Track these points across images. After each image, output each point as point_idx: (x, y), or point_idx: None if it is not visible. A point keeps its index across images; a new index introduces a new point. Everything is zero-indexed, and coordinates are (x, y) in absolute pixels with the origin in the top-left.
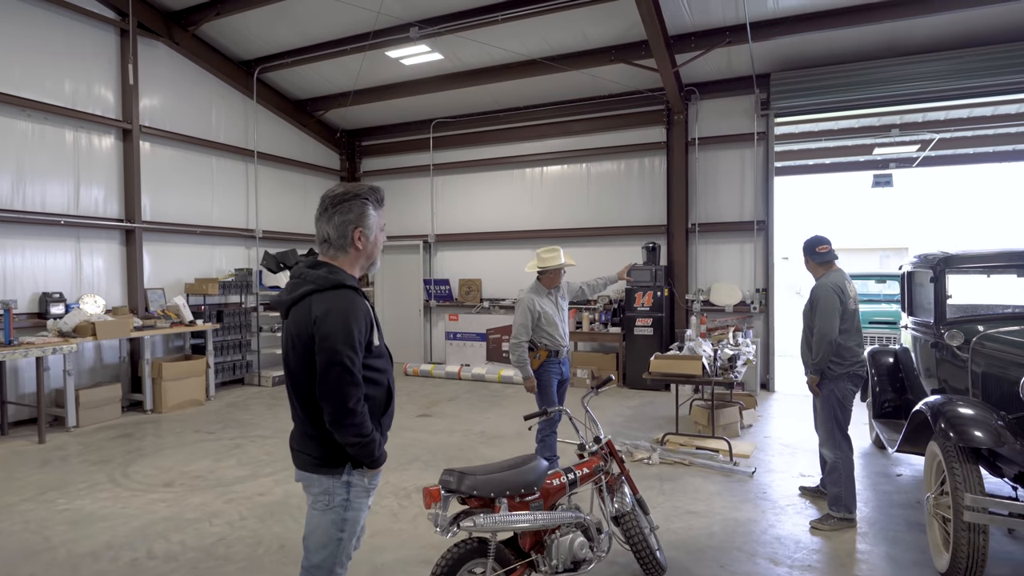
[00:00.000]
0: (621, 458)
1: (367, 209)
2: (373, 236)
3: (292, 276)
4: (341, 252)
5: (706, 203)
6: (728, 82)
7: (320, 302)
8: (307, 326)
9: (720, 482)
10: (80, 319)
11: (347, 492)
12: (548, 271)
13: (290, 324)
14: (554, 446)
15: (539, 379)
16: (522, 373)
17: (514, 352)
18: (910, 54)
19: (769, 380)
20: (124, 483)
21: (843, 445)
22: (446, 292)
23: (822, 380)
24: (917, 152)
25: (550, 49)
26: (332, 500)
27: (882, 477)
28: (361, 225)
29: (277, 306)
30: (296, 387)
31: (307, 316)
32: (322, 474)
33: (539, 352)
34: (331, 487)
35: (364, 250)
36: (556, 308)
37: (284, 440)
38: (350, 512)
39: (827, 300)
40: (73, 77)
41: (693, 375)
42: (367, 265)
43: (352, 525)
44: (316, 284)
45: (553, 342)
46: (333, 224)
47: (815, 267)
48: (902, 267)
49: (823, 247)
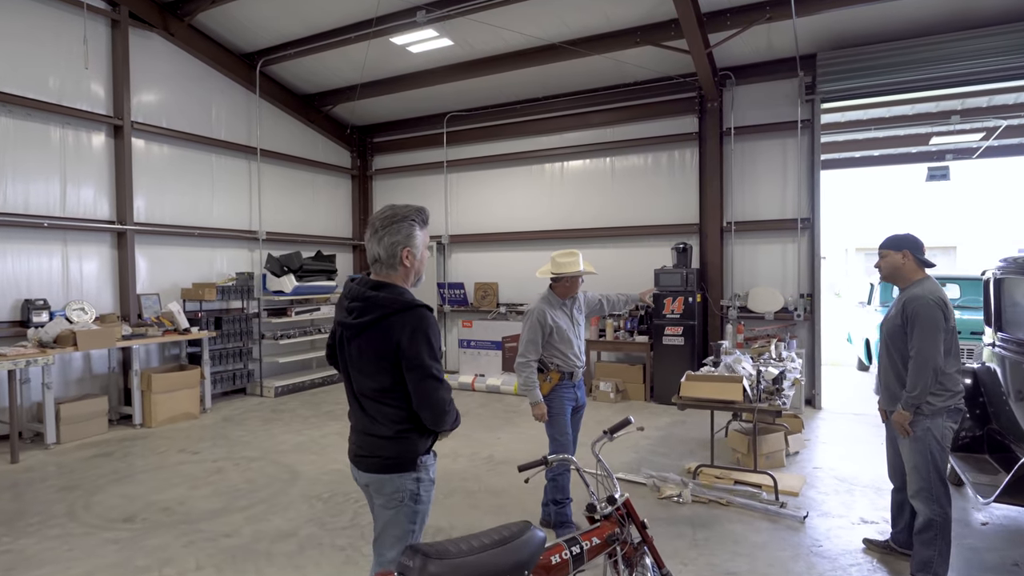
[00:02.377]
0: (643, 522)
1: (414, 230)
2: (420, 254)
3: (351, 298)
4: (392, 270)
5: (743, 199)
6: (768, 64)
7: (401, 325)
8: (389, 346)
9: (765, 529)
10: (61, 328)
11: (418, 487)
12: (564, 278)
13: (363, 344)
14: (566, 487)
15: (550, 406)
16: (529, 398)
17: (521, 373)
18: (978, 27)
19: (815, 396)
20: (81, 516)
21: (943, 498)
22: (461, 296)
23: (915, 417)
24: (980, 141)
25: (569, 32)
26: (405, 497)
27: (962, 526)
28: (409, 245)
29: (346, 328)
30: (373, 399)
31: (387, 337)
32: (394, 473)
33: (550, 375)
34: (402, 485)
35: (412, 267)
36: (571, 323)
37: (271, 462)
38: (421, 505)
39: (930, 316)
40: (60, 71)
41: (733, 401)
42: (415, 280)
43: (423, 517)
44: (389, 307)
45: (567, 363)
46: (383, 245)
47: (911, 270)
48: (986, 272)
49: (924, 248)
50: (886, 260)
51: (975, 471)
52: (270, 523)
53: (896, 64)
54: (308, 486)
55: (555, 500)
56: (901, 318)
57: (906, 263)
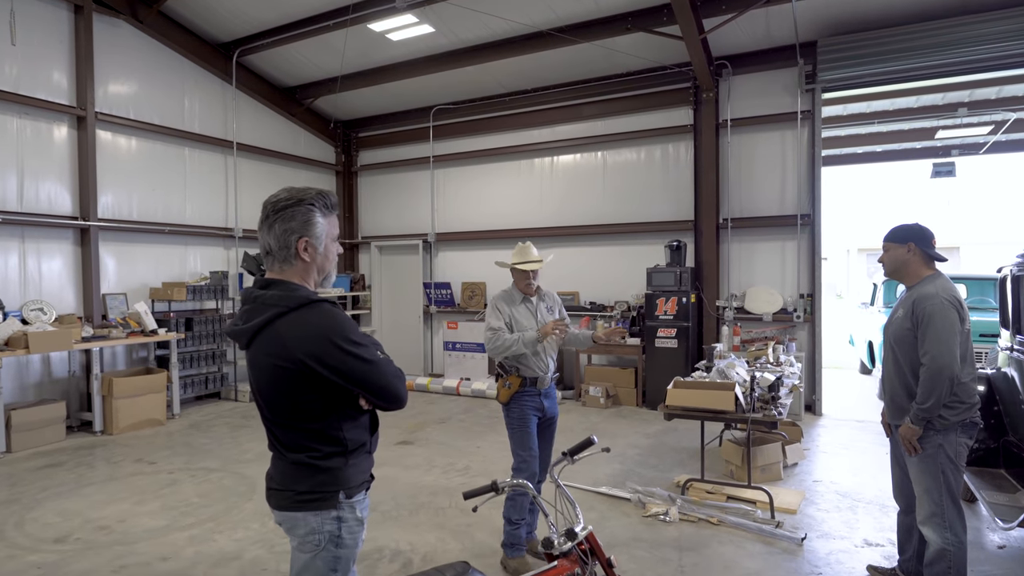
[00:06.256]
0: (608, 559)
1: (313, 216)
2: (323, 246)
3: (244, 301)
4: (286, 265)
5: (740, 194)
6: (766, 53)
7: (291, 326)
8: (287, 355)
9: (759, 553)
10: (13, 330)
11: (338, 528)
12: (520, 270)
13: (257, 354)
14: (524, 506)
15: (509, 416)
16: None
17: (494, 342)
18: (987, 11)
19: (815, 402)
20: (10, 536)
21: (957, 525)
22: (447, 296)
23: (925, 432)
24: (987, 136)
25: (557, 19)
26: (322, 540)
27: (976, 549)
28: (306, 235)
29: (234, 336)
30: (279, 417)
31: (283, 344)
32: (308, 511)
33: (509, 379)
34: (319, 526)
35: (313, 262)
36: (536, 321)
37: (231, 473)
38: (344, 549)
39: (945, 318)
40: (18, 59)
41: (724, 411)
42: (320, 279)
43: (346, 564)
44: (279, 306)
45: (528, 367)
46: (274, 234)
47: (918, 265)
48: (1003, 269)
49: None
50: (890, 254)
51: (991, 488)
52: (215, 544)
53: (901, 50)
54: (263, 501)
55: (508, 519)
56: (910, 320)
57: (912, 257)
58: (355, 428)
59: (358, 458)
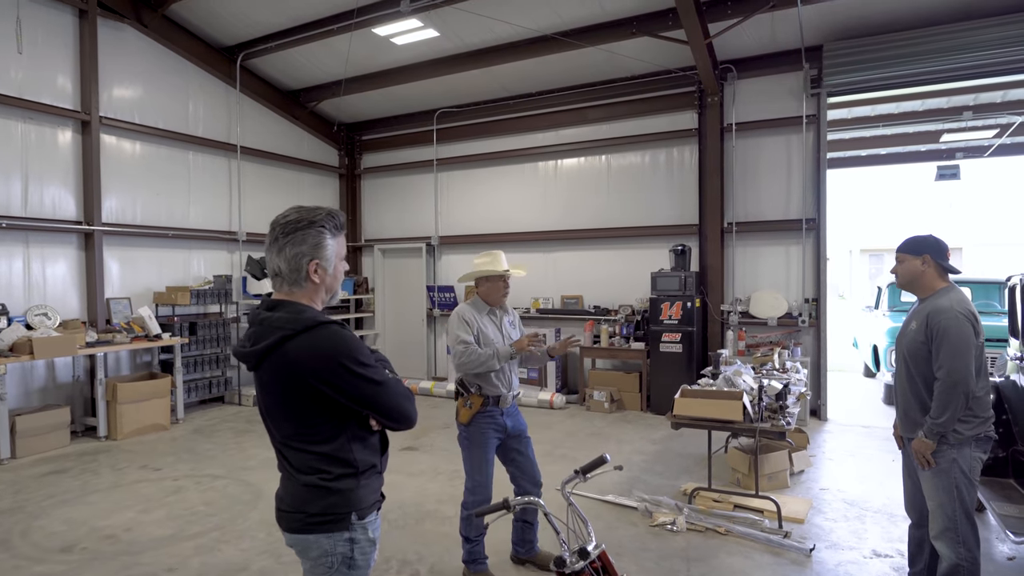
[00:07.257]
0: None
1: (323, 239)
2: (332, 268)
3: (251, 322)
4: (296, 287)
5: (745, 199)
6: (771, 57)
7: (300, 349)
8: (296, 377)
9: (768, 564)
10: (18, 335)
11: (351, 549)
12: (485, 280)
13: (265, 377)
14: (480, 524)
15: (467, 437)
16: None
17: (462, 358)
18: (993, 15)
19: (820, 407)
20: (15, 546)
21: (970, 539)
22: (451, 300)
23: (939, 446)
24: (992, 139)
25: (562, 23)
26: (334, 562)
27: (986, 560)
28: (317, 257)
29: (242, 358)
30: (289, 439)
31: (291, 366)
32: (321, 533)
33: (471, 398)
34: (331, 547)
35: (323, 283)
36: (501, 335)
37: (236, 480)
38: (356, 571)
39: (961, 333)
40: (23, 63)
41: (732, 420)
42: (327, 298)
43: None
44: (286, 328)
45: (490, 385)
46: (284, 257)
47: (932, 278)
48: (1012, 279)
49: (948, 252)
50: (904, 265)
51: (1000, 499)
52: (221, 554)
53: (907, 55)
54: (269, 509)
55: (465, 537)
56: (924, 334)
57: (927, 270)
58: (365, 449)
59: (369, 478)
